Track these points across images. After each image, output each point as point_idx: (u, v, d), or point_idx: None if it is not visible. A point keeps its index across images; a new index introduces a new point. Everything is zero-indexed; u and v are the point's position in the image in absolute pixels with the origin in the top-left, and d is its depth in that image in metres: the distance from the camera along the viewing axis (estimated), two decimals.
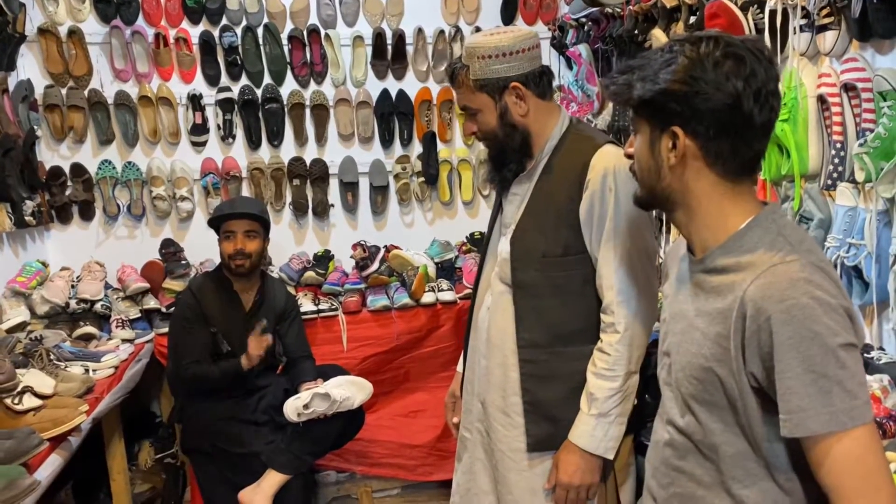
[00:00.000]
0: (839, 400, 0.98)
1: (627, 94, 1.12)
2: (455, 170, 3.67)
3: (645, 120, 1.14)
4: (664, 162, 1.12)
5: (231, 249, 2.59)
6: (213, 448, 2.50)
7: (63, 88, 3.30)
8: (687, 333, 1.15)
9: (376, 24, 3.52)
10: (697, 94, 1.05)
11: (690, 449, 1.16)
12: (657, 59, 1.09)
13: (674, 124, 1.09)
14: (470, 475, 1.86)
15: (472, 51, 1.65)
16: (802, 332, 0.98)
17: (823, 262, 1.06)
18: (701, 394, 1.12)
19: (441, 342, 3.24)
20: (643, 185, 1.19)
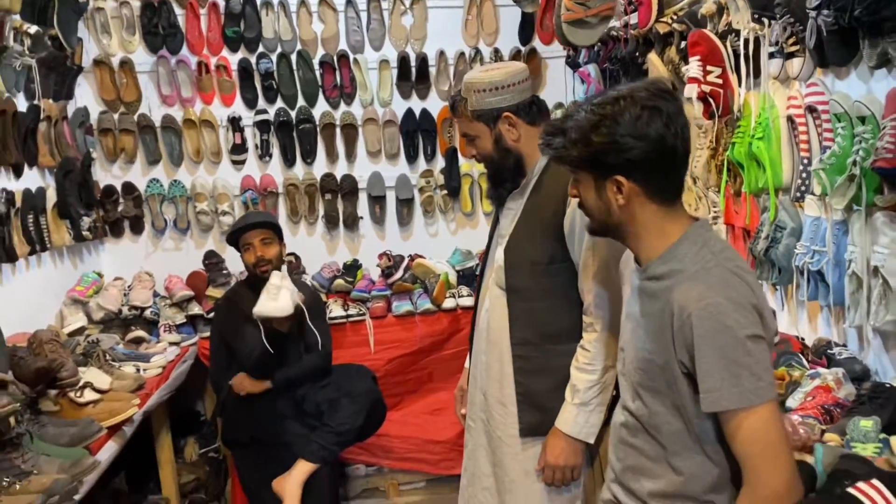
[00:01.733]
0: (747, 381, 1.18)
1: (568, 156, 1.33)
2: (476, 182, 3.88)
3: (587, 172, 1.34)
4: (613, 203, 1.32)
5: (252, 259, 2.79)
6: (251, 439, 2.75)
7: (115, 114, 3.62)
8: (635, 332, 1.37)
9: (401, 48, 3.76)
10: (628, 149, 1.25)
11: (639, 428, 1.36)
12: (584, 123, 1.29)
13: (615, 174, 1.29)
14: (473, 459, 2.08)
15: (469, 85, 1.88)
16: (716, 325, 1.19)
17: (740, 268, 1.27)
18: (646, 381, 1.33)
19: (461, 345, 3.44)
20: (595, 220, 1.39)
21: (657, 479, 1.33)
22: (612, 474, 1.45)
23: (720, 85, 2.17)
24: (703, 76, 2.17)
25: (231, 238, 2.82)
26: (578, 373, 1.81)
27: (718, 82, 2.17)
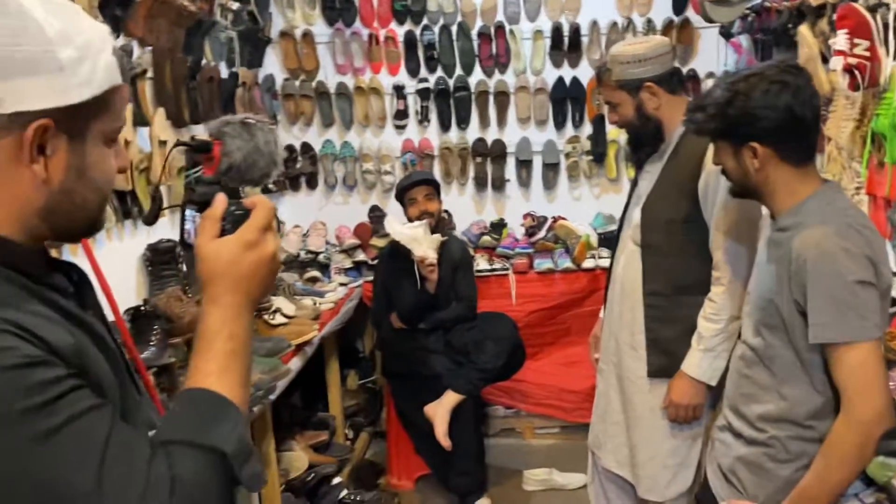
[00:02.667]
0: (852, 319, 1.36)
1: (708, 129, 1.56)
2: (622, 149, 4.02)
3: (726, 142, 1.56)
4: (750, 167, 1.54)
5: (416, 212, 3.16)
6: (406, 371, 3.13)
7: (297, 81, 4.07)
8: (761, 276, 1.57)
9: (555, 18, 3.94)
10: (760, 118, 1.47)
11: (755, 360, 1.56)
12: (720, 98, 1.50)
13: (750, 141, 1.51)
14: (605, 398, 2.32)
15: (614, 58, 2.08)
16: (828, 269, 1.38)
17: (859, 223, 1.45)
18: (766, 318, 1.53)
19: (599, 303, 3.57)
20: (736, 183, 1.62)
21: (766, 404, 1.53)
22: (727, 401, 1.66)
23: (867, 57, 2.22)
24: (849, 49, 2.22)
25: (398, 193, 3.20)
26: (705, 322, 2.00)
27: (865, 55, 2.21)
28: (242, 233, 0.89)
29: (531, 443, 3.73)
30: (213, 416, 0.80)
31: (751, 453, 1.57)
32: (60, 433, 0.70)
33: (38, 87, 0.76)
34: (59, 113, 0.77)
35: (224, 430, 0.79)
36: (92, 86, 0.79)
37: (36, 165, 0.78)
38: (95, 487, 0.70)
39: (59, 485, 0.69)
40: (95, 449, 0.71)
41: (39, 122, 0.76)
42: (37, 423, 0.69)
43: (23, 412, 0.68)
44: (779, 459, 1.52)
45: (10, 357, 0.69)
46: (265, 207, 0.92)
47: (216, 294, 0.86)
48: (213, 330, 0.85)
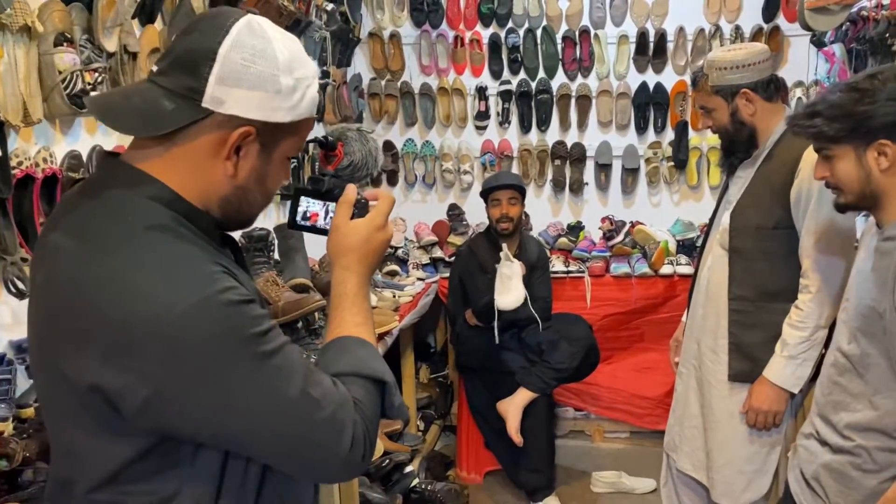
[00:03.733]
0: None
1: (828, 132, 1.51)
2: (704, 156, 3.99)
3: (850, 144, 1.52)
4: (874, 168, 1.50)
5: (498, 214, 3.22)
6: (480, 367, 3.19)
7: (382, 80, 4.19)
8: (863, 283, 1.56)
9: (641, 24, 3.94)
10: (892, 112, 1.45)
11: (848, 368, 1.56)
12: (845, 99, 1.48)
13: (880, 138, 1.47)
14: (684, 401, 2.32)
15: (712, 63, 2.09)
16: None
17: None
18: (864, 326, 1.52)
19: (676, 310, 3.60)
20: (851, 192, 1.56)
21: (855, 413, 1.52)
22: (816, 408, 1.65)
23: None
24: None
25: (484, 192, 3.26)
26: (790, 329, 1.99)
27: None
28: (374, 217, 1.07)
29: (600, 446, 3.74)
30: (370, 354, 1.00)
31: (836, 461, 1.56)
32: (277, 356, 0.88)
33: (255, 101, 0.92)
34: (262, 126, 0.93)
35: (380, 366, 0.99)
36: (294, 112, 0.95)
37: (228, 162, 0.94)
38: (303, 397, 0.88)
39: (276, 391, 0.87)
40: (300, 370, 0.90)
41: (245, 128, 0.92)
42: (262, 345, 0.87)
43: (252, 336, 0.86)
44: (865, 469, 1.51)
45: (236, 294, 0.87)
46: (389, 199, 1.10)
47: (350, 262, 1.05)
48: (354, 291, 1.04)
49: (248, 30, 0.92)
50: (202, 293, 0.84)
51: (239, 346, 0.85)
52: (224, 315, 0.85)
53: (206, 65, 0.90)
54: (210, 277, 0.86)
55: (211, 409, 0.85)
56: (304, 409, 0.88)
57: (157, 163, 0.93)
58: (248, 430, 0.87)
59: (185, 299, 0.83)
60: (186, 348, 0.83)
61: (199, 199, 0.95)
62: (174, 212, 0.92)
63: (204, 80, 0.90)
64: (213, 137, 0.92)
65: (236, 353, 0.85)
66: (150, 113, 0.91)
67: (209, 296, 0.84)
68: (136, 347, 0.83)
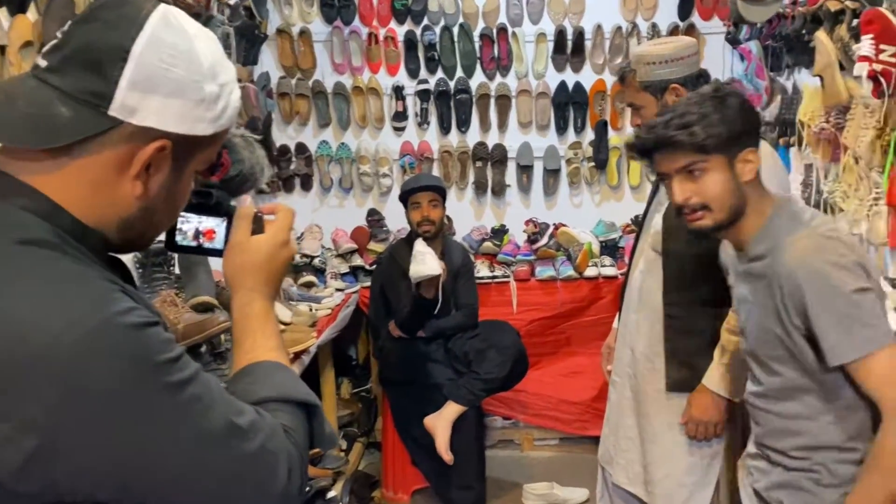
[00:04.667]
0: (859, 332, 1.31)
1: (717, 136, 1.44)
2: (624, 156, 3.96)
3: (721, 154, 1.45)
4: (740, 179, 1.46)
5: (419, 217, 3.06)
6: (405, 380, 3.02)
7: (292, 79, 3.96)
8: (751, 312, 1.50)
9: (559, 21, 3.87)
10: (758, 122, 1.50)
11: (774, 396, 1.51)
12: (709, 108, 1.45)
13: (749, 146, 1.46)
14: (618, 412, 2.23)
15: (639, 58, 1.99)
16: (822, 287, 1.33)
17: (831, 230, 1.40)
18: (771, 352, 1.47)
19: (601, 312, 3.57)
20: (723, 208, 1.48)
21: (799, 436, 1.46)
22: (756, 439, 1.58)
23: (893, 64, 2.16)
24: (875, 54, 2.16)
25: (403, 194, 3.10)
26: (729, 335, 1.91)
27: (892, 61, 2.15)
28: (276, 233, 0.99)
29: (530, 454, 3.64)
30: (291, 379, 0.91)
31: (793, 478, 1.48)
32: (192, 384, 0.75)
33: (175, 110, 0.79)
34: (179, 139, 0.80)
35: (305, 390, 0.91)
36: (217, 124, 0.83)
37: (137, 181, 0.80)
38: (229, 429, 0.76)
39: (197, 427, 0.74)
40: (221, 398, 0.78)
41: (161, 141, 0.79)
42: (174, 374, 0.73)
43: (162, 364, 0.73)
44: (824, 484, 1.43)
45: (138, 316, 0.73)
46: (289, 212, 1.02)
47: (256, 283, 0.96)
48: (263, 314, 0.95)
49: (165, 24, 0.79)
50: (98, 316, 0.70)
51: (147, 376, 0.71)
52: (126, 341, 0.71)
53: (115, 65, 0.76)
54: (106, 297, 0.73)
55: (118, 457, 0.70)
56: (231, 443, 0.76)
57: (45, 179, 0.77)
58: (166, 478, 0.73)
59: (78, 325, 0.69)
60: (82, 385, 0.68)
61: (95, 221, 0.80)
62: (54, 226, 0.77)
63: (113, 84, 0.76)
64: (120, 152, 0.78)
65: (145, 385, 0.71)
66: (42, 120, 0.75)
67: (107, 319, 0.71)
68: (14, 390, 0.67)
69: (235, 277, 0.96)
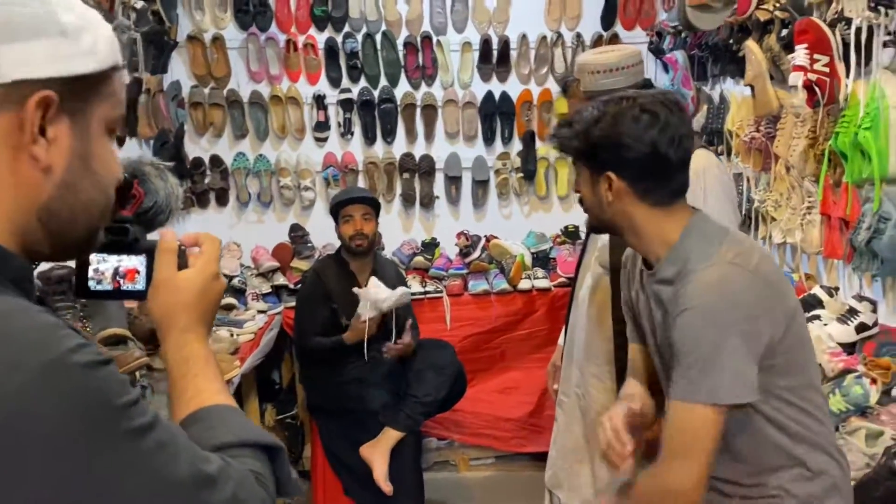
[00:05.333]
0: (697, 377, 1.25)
1: (568, 146, 1.40)
2: (552, 166, 3.92)
3: (584, 166, 1.40)
4: (604, 199, 1.38)
5: (351, 231, 2.91)
6: (337, 407, 2.85)
7: (206, 88, 3.74)
8: (662, 335, 1.40)
9: (484, 30, 3.80)
10: (621, 146, 1.31)
11: None
12: (588, 116, 1.35)
13: (606, 170, 1.35)
14: (567, 433, 2.14)
15: (584, 67, 1.92)
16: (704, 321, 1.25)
17: (740, 255, 1.30)
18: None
19: (536, 326, 3.50)
20: (591, 215, 1.46)
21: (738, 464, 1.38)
22: None
23: (827, 74, 2.17)
24: (809, 64, 2.17)
25: (334, 207, 2.94)
26: None
27: (825, 71, 2.16)
28: (205, 265, 0.91)
29: (466, 475, 3.52)
30: (248, 422, 0.85)
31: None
32: (156, 429, 0.67)
33: (41, 52, 0.68)
34: (62, 86, 0.69)
35: (264, 432, 0.84)
36: (95, 58, 0.72)
37: (37, 147, 0.68)
38: (197, 476, 0.68)
39: (163, 477, 0.66)
40: (185, 444, 0.70)
41: (41, 93, 0.68)
42: (135, 418, 0.65)
43: (122, 408, 0.65)
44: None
45: (91, 353, 0.65)
46: (215, 242, 0.94)
47: (190, 322, 0.88)
48: (203, 354, 0.88)
49: None
50: (48, 355, 0.62)
51: (108, 422, 0.63)
52: (83, 382, 0.63)
53: None
54: (54, 333, 0.63)
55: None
56: (202, 494, 0.68)
57: None
58: None
59: (25, 366, 0.60)
60: (34, 437, 0.60)
61: (8, 223, 0.69)
62: None
63: None
64: (1, 124, 0.67)
65: (106, 431, 0.63)
66: None
67: (59, 358, 0.62)
68: None
69: (166, 318, 0.88)
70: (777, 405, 1.32)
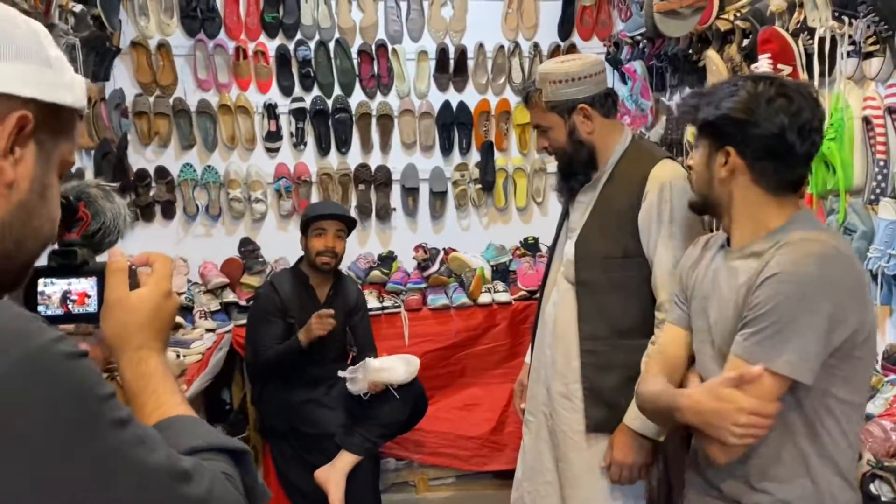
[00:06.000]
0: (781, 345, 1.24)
1: (693, 116, 1.39)
2: (511, 178, 3.85)
3: (706, 138, 1.39)
4: (716, 175, 1.37)
5: (321, 246, 2.78)
6: (290, 429, 2.72)
7: (151, 97, 3.57)
8: (722, 310, 1.36)
9: (440, 39, 3.73)
10: (750, 122, 1.29)
11: None
12: (724, 90, 1.34)
13: (727, 144, 1.34)
14: (534, 454, 2.05)
15: (545, 76, 1.85)
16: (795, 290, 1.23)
17: (844, 246, 1.32)
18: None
19: (496, 340, 3.42)
20: (699, 192, 1.46)
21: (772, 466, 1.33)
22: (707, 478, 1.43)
23: None
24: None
25: (306, 220, 2.82)
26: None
27: None
28: (158, 283, 0.91)
29: (426, 496, 3.40)
30: (213, 429, 0.85)
31: None
32: (132, 423, 0.68)
33: (28, 74, 0.72)
34: (39, 112, 0.72)
35: (231, 438, 0.85)
36: (73, 94, 0.76)
37: (5, 162, 0.70)
38: (175, 471, 0.69)
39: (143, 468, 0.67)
40: (161, 441, 0.70)
41: (22, 111, 0.71)
42: (115, 411, 0.66)
43: (104, 398, 0.66)
44: None
45: (71, 345, 0.65)
46: (166, 260, 0.95)
47: (145, 340, 0.88)
48: (160, 371, 0.88)
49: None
50: (32, 343, 0.62)
51: (92, 409, 0.64)
52: (67, 370, 0.63)
53: None
54: (35, 323, 0.64)
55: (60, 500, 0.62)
56: (179, 485, 0.69)
57: None
58: None
59: (10, 354, 0.61)
60: (21, 423, 0.60)
61: None
62: None
63: None
64: None
65: (91, 418, 0.64)
66: None
67: (43, 346, 0.62)
68: None
69: (120, 338, 0.88)
70: (821, 412, 1.28)
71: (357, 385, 2.58)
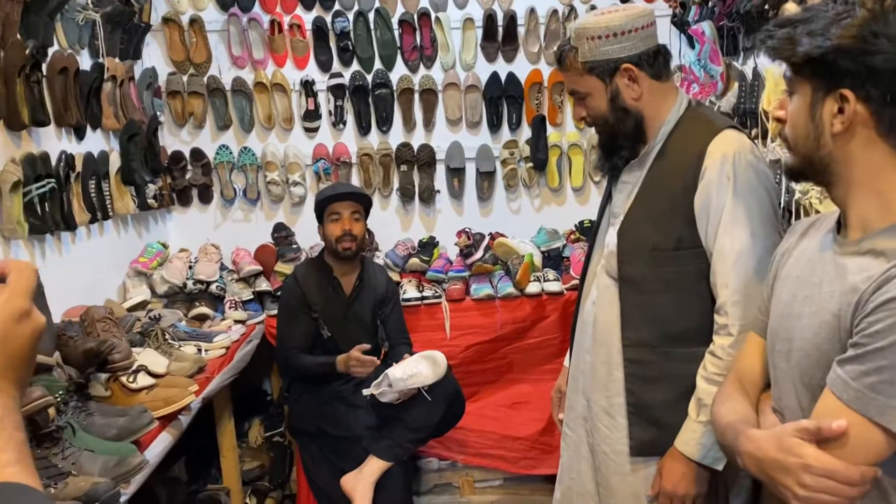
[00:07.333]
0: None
1: (790, 50, 1.01)
2: (565, 155, 3.54)
3: (807, 80, 1.03)
4: (826, 128, 1.01)
5: (339, 231, 2.62)
6: (318, 430, 2.53)
7: (184, 75, 3.43)
8: (813, 319, 1.04)
9: (488, 5, 3.44)
10: (876, 52, 0.94)
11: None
12: (828, 12, 0.97)
13: (843, 86, 0.98)
14: (573, 473, 1.79)
15: (581, 32, 1.55)
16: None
17: None
18: (822, 380, 1.02)
19: (546, 334, 3.15)
20: (797, 152, 1.08)
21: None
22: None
23: None
24: None
25: (319, 203, 2.62)
26: (706, 384, 1.48)
27: None
28: (8, 302, 0.72)
29: (471, 499, 3.17)
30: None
31: None
32: None
33: None
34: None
35: None
36: None
37: None
38: None
39: None
40: None
41: None
42: None
43: None
44: None
45: None
46: (26, 270, 0.75)
47: None
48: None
49: None
50: None
51: None
52: None
53: None
54: None
55: None
56: None
57: None
58: None
59: None
60: None
61: None
62: None
63: None
64: None
65: None
66: None
67: None
68: None
69: None
70: None
71: (386, 398, 2.36)
